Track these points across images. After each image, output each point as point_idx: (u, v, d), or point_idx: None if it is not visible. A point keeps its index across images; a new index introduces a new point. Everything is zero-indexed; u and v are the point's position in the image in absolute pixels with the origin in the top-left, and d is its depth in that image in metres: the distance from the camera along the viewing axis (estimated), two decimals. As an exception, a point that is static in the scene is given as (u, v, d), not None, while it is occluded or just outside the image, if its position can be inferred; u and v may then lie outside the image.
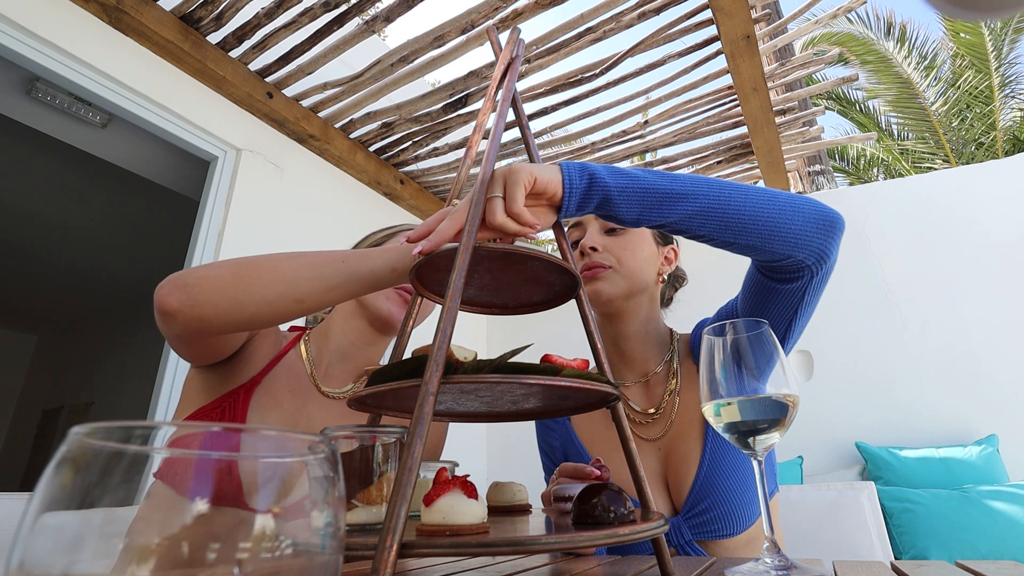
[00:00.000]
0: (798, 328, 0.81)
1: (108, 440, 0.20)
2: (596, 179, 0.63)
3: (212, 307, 0.67)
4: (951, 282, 2.49)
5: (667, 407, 0.92)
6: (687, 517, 0.83)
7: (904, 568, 0.53)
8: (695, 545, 0.83)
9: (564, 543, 0.39)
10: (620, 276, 0.92)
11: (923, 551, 1.83)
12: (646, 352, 0.97)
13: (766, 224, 0.67)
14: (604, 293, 0.91)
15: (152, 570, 0.18)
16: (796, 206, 0.69)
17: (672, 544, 0.84)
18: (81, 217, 3.71)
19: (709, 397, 0.55)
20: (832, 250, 0.73)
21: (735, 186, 0.68)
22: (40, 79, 2.00)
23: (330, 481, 0.23)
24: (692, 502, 0.83)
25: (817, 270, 0.73)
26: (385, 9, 1.94)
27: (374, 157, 2.67)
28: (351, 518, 0.47)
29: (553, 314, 0.82)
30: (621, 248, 0.93)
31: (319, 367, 0.96)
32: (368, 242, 1.06)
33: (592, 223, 0.97)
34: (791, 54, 3.47)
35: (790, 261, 0.71)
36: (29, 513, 0.18)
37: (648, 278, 0.95)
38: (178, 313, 0.67)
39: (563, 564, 0.65)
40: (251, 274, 0.69)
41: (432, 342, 0.42)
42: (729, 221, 0.66)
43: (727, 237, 0.68)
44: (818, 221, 0.70)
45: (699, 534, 0.82)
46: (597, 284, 0.92)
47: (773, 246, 0.69)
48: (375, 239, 1.05)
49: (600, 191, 0.63)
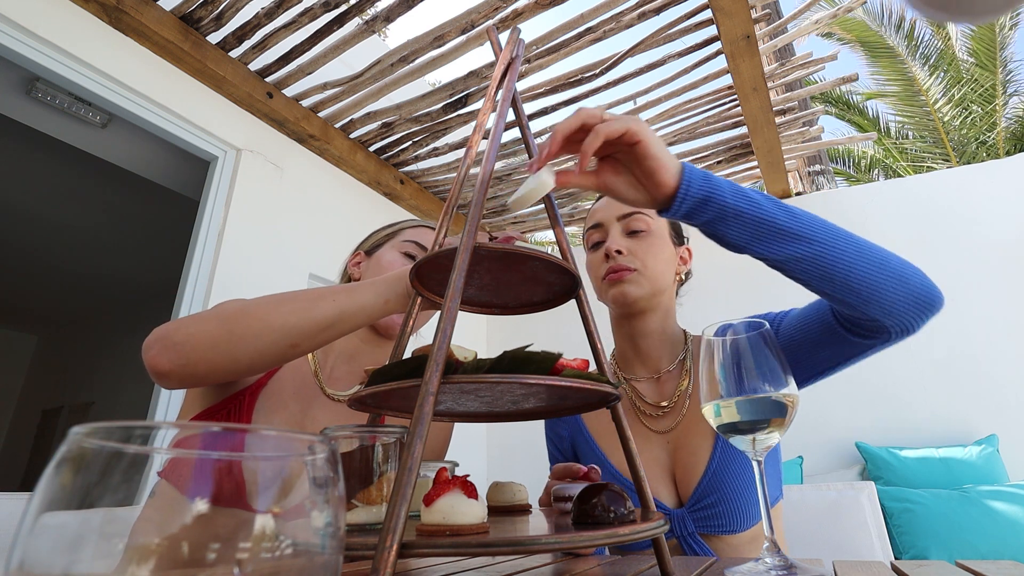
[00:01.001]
0: (838, 371, 0.81)
1: (108, 440, 0.20)
2: (716, 194, 0.60)
3: (206, 364, 0.67)
4: (951, 282, 2.49)
5: (678, 402, 0.93)
6: (692, 510, 0.84)
7: (904, 568, 0.53)
8: (697, 538, 0.83)
9: (564, 543, 0.39)
10: (644, 278, 0.93)
11: (923, 551, 1.83)
12: (661, 349, 0.98)
13: (869, 287, 0.64)
14: (630, 295, 0.93)
15: (153, 570, 0.18)
16: (904, 277, 0.67)
17: (675, 535, 0.84)
18: (81, 217, 3.71)
19: (709, 397, 0.55)
20: (920, 326, 0.70)
21: (850, 238, 0.65)
22: (40, 79, 2.00)
23: (330, 481, 0.23)
24: (698, 496, 0.84)
25: (897, 338, 0.72)
26: (385, 9, 1.94)
27: (374, 157, 2.67)
28: (351, 518, 0.47)
29: (553, 314, 0.82)
30: (644, 251, 0.94)
31: (324, 369, 0.96)
32: (371, 241, 1.06)
33: (614, 225, 0.97)
34: (791, 54, 3.48)
35: (875, 324, 0.69)
36: (29, 513, 0.18)
37: (669, 278, 0.97)
38: (171, 374, 0.66)
39: (563, 564, 0.65)
40: (241, 326, 0.67)
41: (432, 342, 0.42)
42: (834, 275, 0.64)
43: (824, 288, 0.65)
44: (920, 298, 0.68)
45: (703, 528, 0.83)
46: (623, 287, 0.93)
47: (867, 309, 0.67)
48: (377, 239, 1.05)
49: (716, 208, 0.61)
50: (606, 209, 0.98)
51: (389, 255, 1.00)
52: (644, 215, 0.96)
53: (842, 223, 0.70)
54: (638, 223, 0.95)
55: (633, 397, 0.97)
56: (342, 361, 0.98)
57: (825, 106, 6.46)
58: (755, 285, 2.86)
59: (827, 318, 0.77)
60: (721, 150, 2.67)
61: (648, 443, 0.91)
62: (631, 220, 0.95)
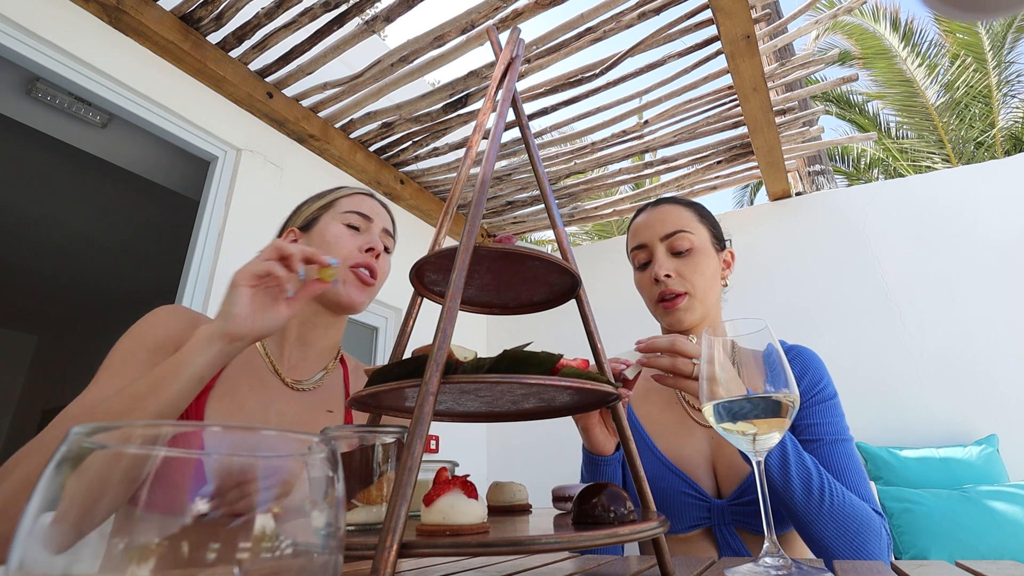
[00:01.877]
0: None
1: (108, 440, 0.20)
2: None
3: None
4: (951, 282, 2.49)
5: None
6: (733, 503, 0.85)
7: (904, 568, 0.53)
8: (733, 531, 0.85)
9: (564, 543, 0.39)
10: (696, 300, 0.94)
11: (923, 551, 1.83)
12: None
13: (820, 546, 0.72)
14: (685, 322, 0.94)
15: (152, 570, 0.18)
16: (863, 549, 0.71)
17: (712, 523, 0.86)
18: (81, 217, 3.71)
19: (709, 397, 0.55)
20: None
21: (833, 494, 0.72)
22: (40, 79, 2.00)
23: (330, 481, 0.23)
24: (741, 491, 0.85)
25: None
26: (385, 9, 1.94)
27: (374, 157, 2.67)
28: (351, 518, 0.47)
29: (553, 314, 0.82)
30: (692, 270, 0.94)
31: (281, 359, 0.91)
32: (304, 215, 0.97)
33: (659, 246, 0.97)
34: (791, 54, 3.48)
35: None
36: (29, 513, 0.18)
37: (717, 290, 0.98)
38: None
39: (563, 564, 0.65)
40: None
41: (432, 342, 0.42)
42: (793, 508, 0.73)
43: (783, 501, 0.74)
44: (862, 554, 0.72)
45: (740, 523, 0.85)
46: (678, 314, 0.94)
47: (806, 540, 0.74)
48: (311, 212, 0.97)
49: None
50: (649, 228, 0.99)
51: (333, 228, 0.93)
52: (687, 233, 0.96)
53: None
54: (682, 242, 0.95)
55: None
56: (297, 347, 0.92)
57: (825, 105, 6.48)
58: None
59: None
60: (721, 150, 2.67)
61: (692, 435, 0.93)
62: (675, 240, 0.96)
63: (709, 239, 0.98)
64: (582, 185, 2.97)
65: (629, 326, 2.85)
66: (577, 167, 2.80)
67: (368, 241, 0.93)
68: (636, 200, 3.12)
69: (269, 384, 0.87)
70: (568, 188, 2.99)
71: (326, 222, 0.94)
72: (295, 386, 0.89)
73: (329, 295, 0.90)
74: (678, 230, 0.96)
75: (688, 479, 0.88)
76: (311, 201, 1.00)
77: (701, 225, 0.98)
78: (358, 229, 0.95)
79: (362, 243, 0.93)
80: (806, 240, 2.80)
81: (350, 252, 0.91)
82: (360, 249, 0.92)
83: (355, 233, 0.94)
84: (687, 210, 1.00)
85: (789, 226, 2.87)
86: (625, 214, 3.22)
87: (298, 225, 0.97)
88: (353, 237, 0.93)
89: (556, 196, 3.01)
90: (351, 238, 0.93)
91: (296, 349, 0.92)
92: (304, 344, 0.93)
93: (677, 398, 0.98)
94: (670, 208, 1.00)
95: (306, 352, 0.93)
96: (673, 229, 0.96)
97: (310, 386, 0.91)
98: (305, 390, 0.90)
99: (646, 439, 0.95)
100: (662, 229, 0.97)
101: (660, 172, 2.84)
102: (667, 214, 0.98)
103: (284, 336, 0.92)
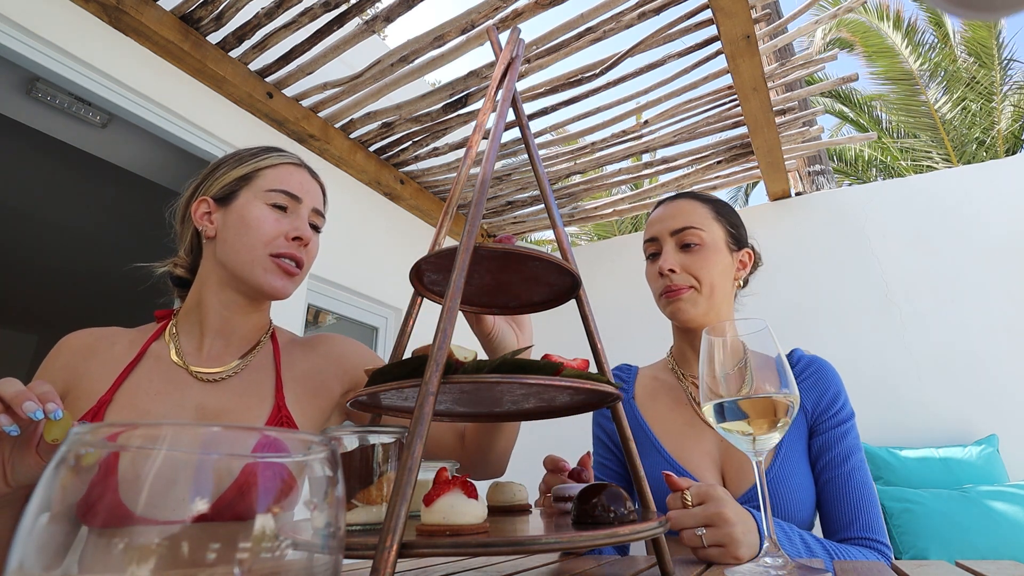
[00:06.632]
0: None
1: (108, 440, 0.20)
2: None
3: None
4: (951, 282, 2.49)
5: None
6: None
7: (904, 568, 0.53)
8: None
9: (564, 543, 0.39)
10: (700, 294, 0.94)
11: (923, 551, 1.83)
12: None
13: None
14: (686, 313, 0.94)
15: (152, 570, 0.18)
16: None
17: None
18: (81, 217, 3.71)
19: (709, 397, 0.55)
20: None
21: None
22: (40, 79, 2.00)
23: (330, 481, 0.23)
24: (749, 496, 0.85)
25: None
26: (385, 9, 1.94)
27: (374, 157, 2.67)
28: (351, 518, 0.47)
29: (553, 314, 0.82)
30: (699, 266, 0.95)
31: (200, 351, 0.83)
32: (220, 184, 0.86)
33: (668, 240, 0.97)
34: (791, 54, 3.48)
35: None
36: (29, 513, 0.18)
37: (726, 288, 0.97)
38: None
39: (563, 564, 0.65)
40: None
41: (432, 342, 0.42)
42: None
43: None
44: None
45: None
46: (679, 305, 0.94)
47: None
48: (228, 182, 0.86)
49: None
50: (661, 223, 0.99)
51: (256, 210, 0.82)
52: (697, 229, 0.96)
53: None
54: (691, 237, 0.96)
55: (692, 392, 0.98)
56: (219, 337, 0.84)
57: (831, 100, 6.47)
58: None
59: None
60: (721, 150, 2.67)
61: (701, 437, 0.93)
62: (684, 235, 0.96)
63: (723, 237, 0.98)
64: (582, 185, 2.97)
65: (629, 326, 2.85)
66: (577, 167, 2.80)
67: (295, 228, 0.83)
68: (636, 200, 3.13)
69: (180, 382, 0.79)
70: (568, 188, 2.99)
71: (247, 199, 0.83)
72: (208, 378, 0.80)
73: (251, 285, 0.82)
74: (688, 226, 0.96)
75: (695, 480, 0.88)
76: (229, 164, 0.87)
77: (715, 223, 0.98)
78: (285, 209, 0.84)
79: (288, 229, 0.83)
80: (806, 240, 2.80)
81: (274, 240, 0.82)
82: (287, 237, 0.82)
83: (280, 216, 0.83)
84: (703, 206, 0.99)
85: (789, 226, 2.87)
86: (625, 214, 3.22)
87: (214, 196, 0.85)
88: (278, 221, 0.83)
89: (556, 196, 3.01)
90: (276, 222, 0.82)
91: (218, 339, 0.84)
92: (225, 333, 0.85)
93: (687, 399, 0.98)
94: (684, 203, 1.00)
95: (229, 340, 0.85)
96: (683, 225, 0.96)
97: (226, 375, 0.82)
98: (221, 380, 0.81)
99: (653, 439, 0.95)
100: (673, 224, 0.97)
101: (660, 172, 2.84)
102: (680, 209, 0.99)
103: (202, 327, 0.84)
